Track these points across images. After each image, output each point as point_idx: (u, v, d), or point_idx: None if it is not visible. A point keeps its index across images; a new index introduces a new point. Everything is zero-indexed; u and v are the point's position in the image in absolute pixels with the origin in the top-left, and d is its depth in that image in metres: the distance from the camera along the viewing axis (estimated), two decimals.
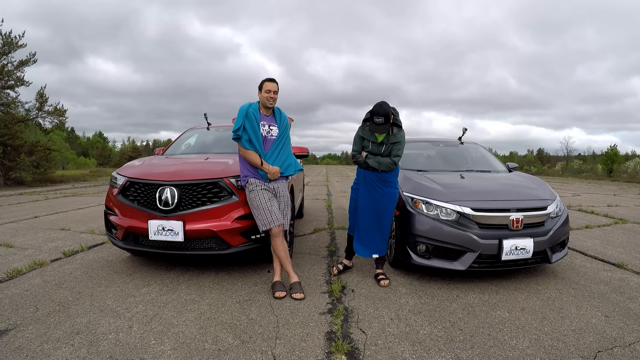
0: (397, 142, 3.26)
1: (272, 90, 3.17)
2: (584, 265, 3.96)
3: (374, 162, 3.26)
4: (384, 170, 3.28)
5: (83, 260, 4.02)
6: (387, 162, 3.24)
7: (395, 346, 2.31)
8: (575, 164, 39.87)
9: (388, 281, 3.34)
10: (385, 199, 3.33)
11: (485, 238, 3.18)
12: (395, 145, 3.26)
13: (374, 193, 3.34)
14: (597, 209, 8.47)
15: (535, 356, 2.21)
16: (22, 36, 15.34)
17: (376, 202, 3.34)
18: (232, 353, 2.21)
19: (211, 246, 3.29)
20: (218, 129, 5.24)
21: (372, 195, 3.35)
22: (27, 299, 2.94)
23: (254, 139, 3.09)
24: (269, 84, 3.18)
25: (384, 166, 3.25)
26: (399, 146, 3.27)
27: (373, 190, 3.34)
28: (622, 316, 2.73)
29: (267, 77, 3.22)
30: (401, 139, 3.29)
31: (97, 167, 41.55)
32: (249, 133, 3.09)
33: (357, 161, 3.40)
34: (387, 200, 3.34)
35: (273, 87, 3.18)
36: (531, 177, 4.21)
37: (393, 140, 3.26)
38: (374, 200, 3.35)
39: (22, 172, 15.41)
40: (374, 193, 3.34)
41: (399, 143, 3.27)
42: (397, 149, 3.26)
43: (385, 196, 3.32)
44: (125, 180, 3.48)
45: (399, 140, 3.27)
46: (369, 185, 3.36)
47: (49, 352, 2.19)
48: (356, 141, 3.41)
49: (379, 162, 3.25)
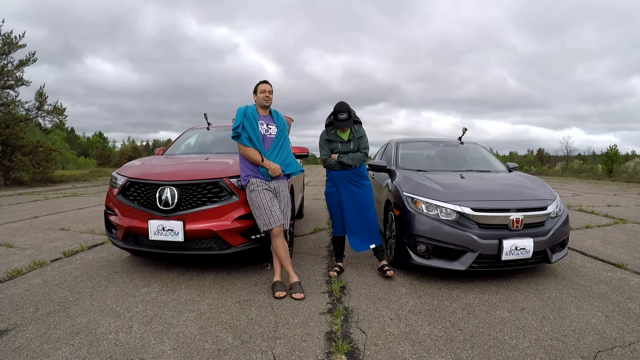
0: (362, 136, 3.59)
1: (267, 90, 3.24)
2: (584, 265, 3.96)
3: (348, 159, 3.51)
4: (356, 166, 3.54)
5: (83, 260, 4.02)
6: (359, 156, 3.54)
7: (395, 346, 2.31)
8: (575, 164, 39.87)
9: (393, 271, 3.51)
10: (364, 190, 3.59)
11: (485, 238, 3.18)
12: (361, 139, 3.59)
13: (353, 189, 3.58)
14: (597, 209, 8.47)
15: (535, 356, 2.21)
16: (22, 36, 15.36)
17: (357, 196, 3.58)
18: (232, 353, 2.21)
19: (211, 246, 3.29)
20: (218, 129, 5.24)
21: (351, 191, 3.58)
22: (27, 299, 2.94)
23: (253, 137, 3.11)
24: (263, 85, 3.26)
25: (357, 160, 3.53)
26: (364, 139, 3.61)
27: (351, 186, 3.57)
28: (622, 316, 2.73)
29: (261, 80, 3.33)
30: (364, 133, 3.63)
31: (97, 167, 41.54)
32: (248, 131, 3.12)
33: (329, 164, 3.59)
34: (366, 191, 3.59)
35: (267, 87, 3.25)
36: (531, 177, 4.21)
37: (357, 135, 3.57)
38: (355, 196, 3.58)
39: (22, 172, 15.40)
40: (353, 189, 3.58)
41: (363, 137, 3.60)
42: (364, 142, 3.60)
43: (363, 188, 3.59)
44: (125, 180, 3.48)
45: (362, 134, 3.60)
46: (346, 183, 3.58)
47: (49, 352, 2.20)
48: (323, 146, 3.64)
49: (352, 157, 3.52)
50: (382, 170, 4.46)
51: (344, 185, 3.57)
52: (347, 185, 3.57)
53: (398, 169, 4.34)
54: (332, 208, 3.70)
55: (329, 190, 3.68)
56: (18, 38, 15.22)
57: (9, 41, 15.00)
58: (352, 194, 3.57)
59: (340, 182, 3.58)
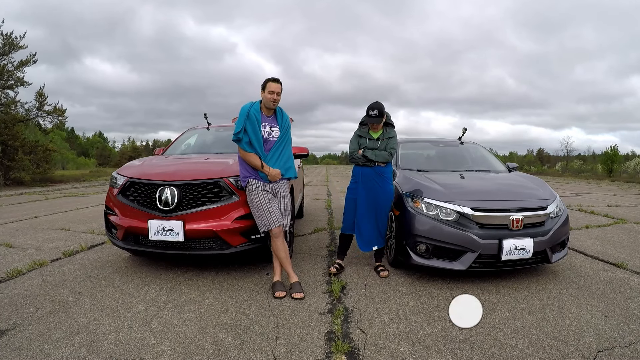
0: (392, 137, 3.63)
1: (276, 92, 3.14)
2: (584, 265, 3.96)
3: (372, 154, 3.53)
4: (380, 163, 3.53)
5: (83, 260, 4.02)
6: (383, 154, 3.54)
7: (395, 346, 2.31)
8: (575, 164, 39.87)
9: (387, 272, 3.58)
10: (383, 193, 3.55)
11: (485, 238, 3.18)
12: (390, 140, 3.61)
13: (372, 188, 3.55)
14: (597, 209, 8.47)
15: (535, 356, 2.21)
16: (23, 37, 15.35)
17: (375, 197, 3.55)
18: (232, 353, 2.21)
19: (211, 246, 3.29)
20: (218, 129, 5.24)
21: (370, 190, 3.56)
22: (27, 299, 2.94)
23: (254, 141, 3.08)
24: (273, 84, 3.14)
25: (381, 157, 3.53)
26: (394, 141, 3.63)
27: (371, 185, 3.55)
28: (622, 316, 2.73)
29: (272, 77, 3.19)
30: (394, 135, 3.67)
31: (97, 167, 41.53)
32: (250, 135, 3.07)
33: (354, 157, 3.63)
34: (385, 195, 3.56)
35: (277, 88, 3.14)
36: (531, 177, 4.21)
37: (387, 136, 3.62)
38: (372, 196, 3.56)
39: (22, 172, 15.40)
40: (372, 188, 3.55)
41: (393, 138, 3.64)
42: (392, 143, 3.61)
43: (382, 191, 3.55)
44: (125, 180, 3.48)
45: (392, 135, 3.65)
46: (367, 181, 3.56)
47: (49, 352, 2.20)
48: (353, 141, 3.71)
49: (376, 154, 3.54)
50: None
51: (364, 184, 3.58)
52: (367, 183, 3.56)
53: (398, 169, 4.35)
54: (347, 204, 3.71)
55: (350, 186, 3.72)
56: (19, 38, 15.22)
57: (10, 41, 15.00)
58: (371, 194, 3.55)
59: (361, 180, 3.59)
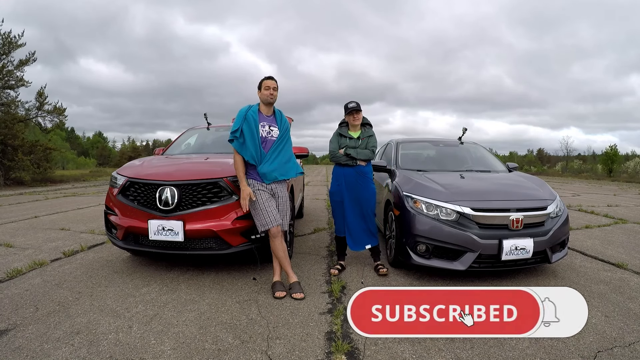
0: (371, 135, 3.74)
1: (272, 87, 3.19)
2: (584, 265, 3.96)
3: (354, 152, 3.61)
4: (361, 162, 3.62)
5: (83, 260, 4.02)
6: (365, 151, 3.64)
7: (395, 346, 2.31)
8: (575, 164, 39.86)
9: (386, 269, 3.62)
10: (366, 192, 3.65)
11: (485, 238, 3.18)
12: (370, 139, 3.71)
13: (355, 189, 3.64)
14: (597, 209, 8.47)
15: (535, 356, 2.21)
16: (22, 35, 15.35)
17: (359, 196, 3.64)
18: (232, 353, 2.21)
19: (211, 246, 3.29)
20: (218, 129, 5.24)
21: (353, 191, 3.64)
22: (27, 299, 2.94)
23: (249, 142, 3.08)
24: (268, 81, 3.21)
25: (363, 155, 3.62)
26: (374, 139, 3.74)
27: (354, 186, 3.64)
28: (622, 316, 2.73)
29: (266, 76, 3.27)
30: (373, 134, 3.78)
31: (97, 167, 41.53)
32: (246, 136, 3.09)
33: (335, 156, 3.70)
34: (368, 193, 3.66)
35: (272, 84, 3.20)
36: (531, 177, 4.21)
37: (367, 134, 3.73)
38: (357, 195, 3.64)
39: (22, 172, 15.40)
40: (355, 189, 3.64)
41: (373, 137, 3.75)
42: (373, 141, 3.71)
43: (365, 190, 3.65)
44: (125, 180, 3.48)
45: (372, 134, 3.76)
46: (349, 181, 3.64)
47: (49, 352, 2.20)
48: (333, 140, 3.77)
49: (358, 152, 3.61)
50: (382, 170, 4.46)
51: (347, 185, 3.64)
52: (350, 184, 3.63)
53: (398, 169, 4.34)
54: (334, 208, 3.77)
55: (333, 189, 3.75)
56: (17, 37, 15.22)
57: (9, 41, 14.99)
58: (355, 194, 3.63)
59: (344, 181, 3.64)
